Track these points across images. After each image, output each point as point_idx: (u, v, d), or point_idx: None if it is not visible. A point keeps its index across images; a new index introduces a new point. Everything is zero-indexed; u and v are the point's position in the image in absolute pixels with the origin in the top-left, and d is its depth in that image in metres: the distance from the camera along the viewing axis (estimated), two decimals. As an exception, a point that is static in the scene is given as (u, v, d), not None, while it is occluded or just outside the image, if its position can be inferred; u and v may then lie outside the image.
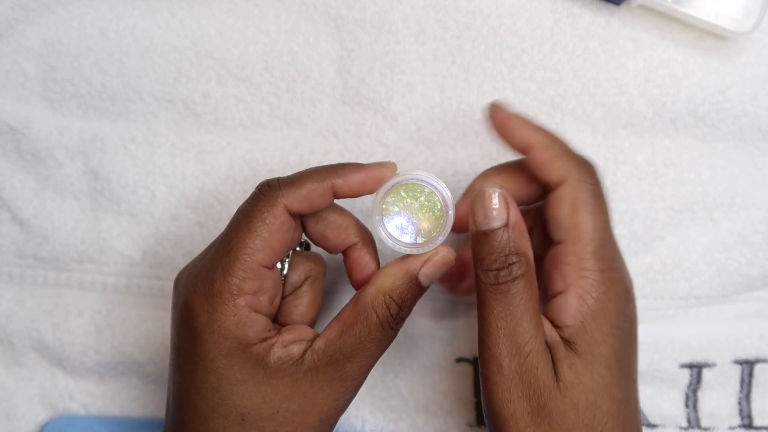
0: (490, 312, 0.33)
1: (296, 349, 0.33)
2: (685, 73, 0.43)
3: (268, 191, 0.34)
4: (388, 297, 0.34)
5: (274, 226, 0.33)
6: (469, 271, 0.40)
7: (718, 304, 0.45)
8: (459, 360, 0.44)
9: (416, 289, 0.34)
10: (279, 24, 0.44)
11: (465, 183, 0.44)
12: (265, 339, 0.33)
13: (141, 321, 0.45)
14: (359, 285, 0.36)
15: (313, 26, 0.44)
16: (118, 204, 0.45)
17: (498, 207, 0.34)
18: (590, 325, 0.33)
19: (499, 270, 0.33)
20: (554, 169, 0.34)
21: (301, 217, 0.36)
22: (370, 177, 0.35)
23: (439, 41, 0.43)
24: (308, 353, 0.33)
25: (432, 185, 0.35)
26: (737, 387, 0.44)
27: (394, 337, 0.35)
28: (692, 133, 0.44)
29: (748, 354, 0.44)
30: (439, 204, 0.35)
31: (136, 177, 0.45)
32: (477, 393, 0.44)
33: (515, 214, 0.34)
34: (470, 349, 0.44)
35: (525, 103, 0.44)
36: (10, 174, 0.46)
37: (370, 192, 0.35)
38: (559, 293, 0.34)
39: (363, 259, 0.36)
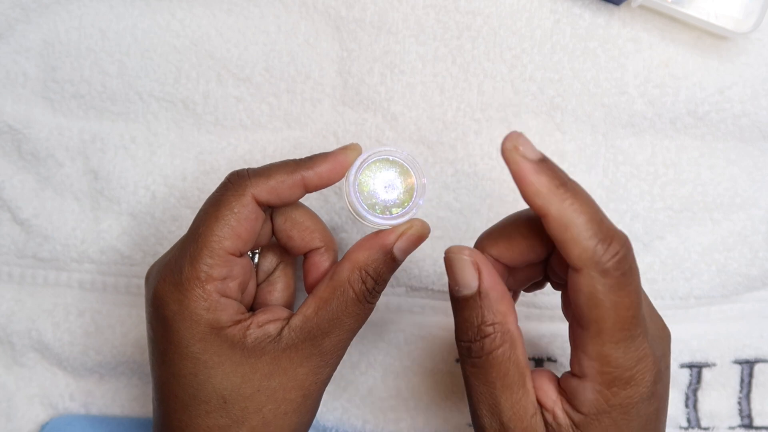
0: (470, 386, 0.32)
1: (272, 328, 0.34)
2: (685, 73, 0.43)
3: (237, 180, 0.34)
4: (363, 272, 0.34)
5: (241, 215, 0.34)
6: None
7: (718, 304, 0.45)
8: (459, 360, 0.44)
9: (391, 263, 0.34)
10: (279, 24, 0.44)
11: (465, 183, 0.44)
12: (239, 321, 0.34)
13: (141, 321, 0.45)
14: (311, 288, 0.36)
15: (313, 26, 0.44)
16: (118, 204, 0.45)
17: (467, 274, 0.31)
18: (605, 421, 0.30)
19: (471, 342, 0.32)
20: (570, 254, 0.29)
21: (271, 214, 0.36)
22: (338, 164, 0.35)
23: (439, 41, 0.43)
24: (285, 330, 0.34)
25: (401, 158, 0.35)
26: (737, 387, 0.44)
27: (371, 310, 0.35)
28: (692, 133, 0.44)
29: (748, 354, 0.44)
30: (410, 176, 0.35)
31: (136, 177, 0.45)
32: (477, 393, 0.44)
33: (490, 280, 0.31)
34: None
35: (525, 104, 0.44)
36: (10, 174, 0.46)
37: (340, 178, 0.35)
38: (578, 376, 0.31)
39: (322, 265, 0.37)
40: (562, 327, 0.44)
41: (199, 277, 0.33)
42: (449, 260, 0.32)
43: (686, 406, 0.44)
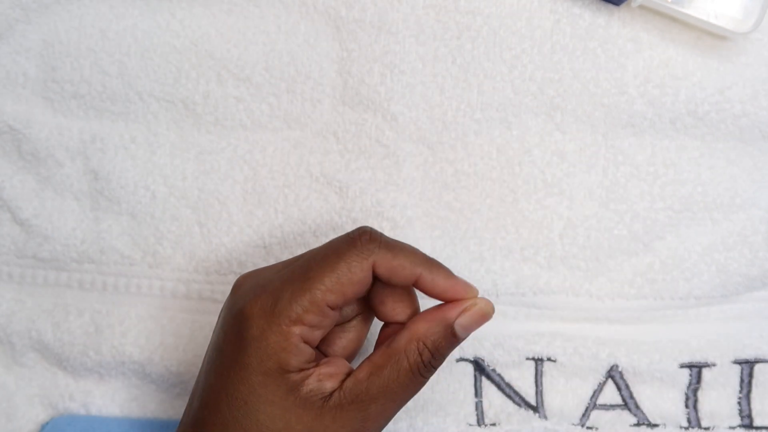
0: None
1: (329, 385, 0.34)
2: (685, 73, 0.43)
3: (366, 243, 0.34)
4: (421, 343, 0.34)
5: (355, 277, 0.34)
6: None
7: (718, 304, 0.45)
8: (459, 360, 0.44)
9: (451, 338, 0.34)
10: (279, 24, 0.44)
11: (465, 183, 0.44)
12: (304, 369, 0.34)
13: (141, 321, 0.45)
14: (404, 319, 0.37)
15: (313, 26, 0.44)
16: (118, 204, 0.45)
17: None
18: None
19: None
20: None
21: None
22: (454, 291, 0.35)
23: (439, 41, 0.43)
24: (336, 393, 0.34)
25: None
26: (737, 387, 0.44)
27: (423, 384, 0.35)
28: (692, 133, 0.44)
29: (748, 354, 0.44)
30: None
31: (136, 177, 0.45)
32: (477, 393, 0.44)
33: None
34: (471, 349, 0.44)
35: (525, 104, 0.44)
36: (10, 174, 0.46)
37: (444, 300, 0.35)
38: None
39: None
40: (562, 327, 0.44)
41: (290, 317, 0.33)
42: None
43: (686, 406, 0.44)
